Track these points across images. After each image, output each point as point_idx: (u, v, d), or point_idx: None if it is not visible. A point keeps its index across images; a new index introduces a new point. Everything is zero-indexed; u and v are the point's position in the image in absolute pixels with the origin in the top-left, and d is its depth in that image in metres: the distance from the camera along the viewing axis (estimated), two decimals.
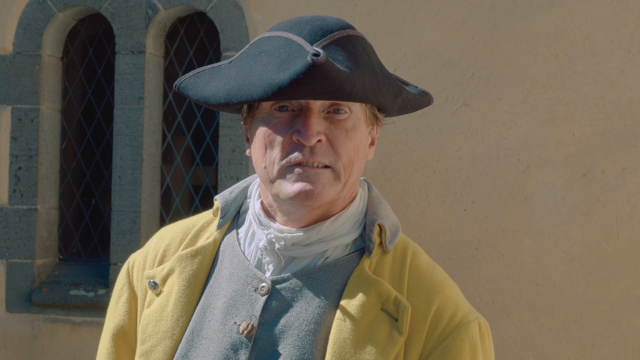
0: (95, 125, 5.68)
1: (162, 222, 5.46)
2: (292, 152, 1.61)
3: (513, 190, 4.77)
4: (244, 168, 5.13)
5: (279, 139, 1.62)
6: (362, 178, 1.78)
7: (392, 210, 1.77)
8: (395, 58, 4.83)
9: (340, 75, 1.54)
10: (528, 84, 4.75)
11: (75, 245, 5.69)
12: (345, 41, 1.62)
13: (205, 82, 1.66)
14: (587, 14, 4.68)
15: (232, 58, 1.68)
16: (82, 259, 5.64)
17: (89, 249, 5.68)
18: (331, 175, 1.63)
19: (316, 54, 1.52)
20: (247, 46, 1.67)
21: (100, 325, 5.22)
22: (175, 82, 1.71)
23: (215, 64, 1.70)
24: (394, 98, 1.66)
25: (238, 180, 5.08)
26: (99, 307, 5.30)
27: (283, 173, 1.62)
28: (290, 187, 1.62)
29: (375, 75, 1.62)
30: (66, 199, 5.70)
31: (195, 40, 5.49)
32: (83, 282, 5.42)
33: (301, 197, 1.61)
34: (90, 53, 5.69)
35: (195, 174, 5.50)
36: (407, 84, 1.72)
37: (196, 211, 5.40)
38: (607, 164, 4.66)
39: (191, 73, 1.70)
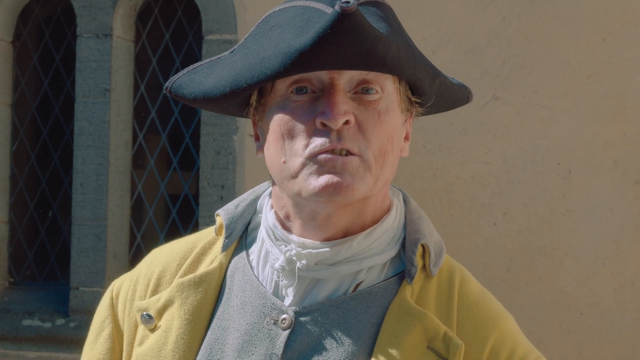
0: (52, 122, 5.66)
1: (133, 238, 5.47)
2: (316, 139, 1.60)
3: (552, 201, 4.76)
4: (230, 174, 5.12)
5: (299, 126, 1.61)
6: (396, 188, 1.77)
7: (432, 225, 1.76)
8: None
9: (373, 31, 1.54)
10: (570, 73, 4.75)
11: (29, 266, 5.67)
12: (372, 5, 1.63)
13: (204, 77, 1.67)
14: None
15: (235, 47, 1.69)
16: (36, 283, 5.63)
17: (44, 270, 5.65)
18: (360, 165, 1.61)
19: (346, 1, 1.51)
20: (253, 27, 1.68)
21: None
22: (166, 84, 1.72)
23: (213, 57, 1.71)
24: (431, 79, 1.67)
25: (223, 188, 5.13)
26: (57, 340, 5.28)
27: (307, 165, 1.61)
28: (315, 181, 1.60)
29: (409, 46, 1.63)
30: (18, 211, 5.69)
31: (172, 22, 5.48)
32: (38, 310, 5.40)
33: (328, 191, 1.59)
34: (47, 37, 5.67)
35: (172, 180, 5.49)
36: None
37: (173, 225, 5.43)
38: None
39: (185, 70, 1.71)
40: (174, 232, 5.35)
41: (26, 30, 5.66)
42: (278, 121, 1.63)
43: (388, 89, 1.64)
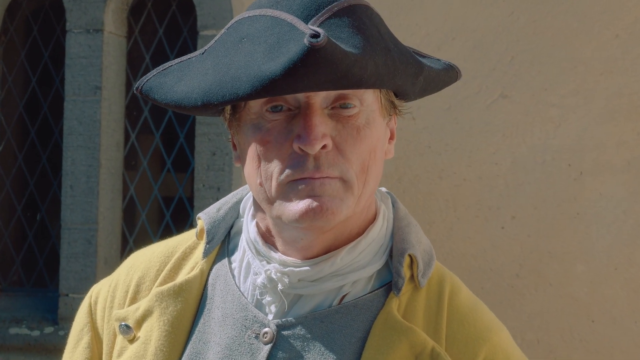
0: (40, 122, 5.67)
1: (125, 243, 5.47)
2: (293, 165, 1.61)
3: (563, 203, 4.76)
4: (226, 175, 5.13)
5: (275, 148, 1.62)
6: (384, 190, 1.78)
7: (422, 231, 1.76)
8: (415, 39, 4.85)
9: (347, 58, 1.53)
10: (581, 70, 4.75)
11: (16, 271, 5.69)
12: (347, 13, 1.61)
13: (175, 81, 1.67)
14: None
15: (205, 48, 1.68)
16: (24, 289, 5.65)
17: (32, 276, 5.66)
18: (341, 186, 1.62)
19: (315, 35, 1.50)
20: (222, 31, 1.68)
21: None
22: (136, 84, 1.71)
23: (183, 57, 1.70)
24: (414, 78, 1.66)
25: (219, 190, 5.14)
26: (46, 349, 5.29)
27: (284, 191, 1.61)
28: (295, 206, 1.60)
29: (389, 52, 1.61)
30: (4, 213, 5.70)
31: (166, 16, 5.50)
32: (26, 317, 5.41)
33: (308, 217, 1.59)
34: (35, 32, 5.70)
35: (166, 182, 5.49)
36: (424, 56, 1.72)
37: (167, 229, 5.42)
38: None
39: (154, 72, 1.71)
40: (167, 236, 5.24)
41: (13, 26, 5.68)
42: (253, 141, 1.63)
43: (367, 101, 1.63)
